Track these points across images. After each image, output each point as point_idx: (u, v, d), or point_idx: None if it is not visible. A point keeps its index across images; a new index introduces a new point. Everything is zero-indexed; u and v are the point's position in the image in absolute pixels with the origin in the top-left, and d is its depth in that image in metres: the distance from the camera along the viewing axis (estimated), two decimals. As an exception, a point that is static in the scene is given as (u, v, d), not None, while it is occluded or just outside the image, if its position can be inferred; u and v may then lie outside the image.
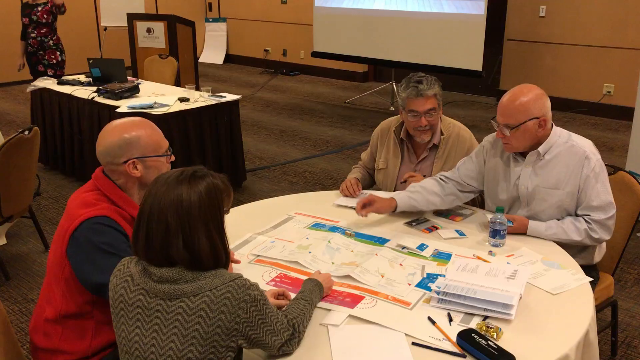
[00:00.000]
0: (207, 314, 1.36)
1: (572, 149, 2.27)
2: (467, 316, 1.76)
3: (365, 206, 2.35)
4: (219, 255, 1.44)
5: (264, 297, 1.45)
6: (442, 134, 2.74)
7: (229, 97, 4.66)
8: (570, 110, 7.27)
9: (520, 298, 1.83)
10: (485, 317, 1.75)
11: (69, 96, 4.78)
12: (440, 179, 2.50)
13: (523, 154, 2.35)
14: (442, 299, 1.81)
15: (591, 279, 2.00)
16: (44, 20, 6.08)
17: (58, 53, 6.28)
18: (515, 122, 2.23)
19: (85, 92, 4.71)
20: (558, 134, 2.31)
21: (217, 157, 4.60)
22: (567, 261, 2.12)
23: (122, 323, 1.44)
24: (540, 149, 2.28)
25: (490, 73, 7.82)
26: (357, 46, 7.62)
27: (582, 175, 2.24)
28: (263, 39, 10.47)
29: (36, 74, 6.26)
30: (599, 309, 2.47)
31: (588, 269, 2.36)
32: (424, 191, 2.44)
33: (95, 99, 4.56)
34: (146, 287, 1.41)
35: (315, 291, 1.76)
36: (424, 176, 2.67)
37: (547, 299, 1.87)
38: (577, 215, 2.29)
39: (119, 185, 1.82)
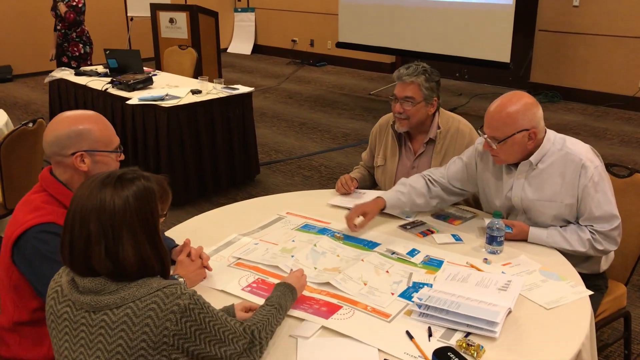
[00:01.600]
0: (130, 328, 1.27)
1: (567, 157, 2.10)
2: (449, 331, 1.64)
3: (355, 221, 2.21)
4: (148, 264, 1.34)
5: (200, 304, 1.34)
6: (439, 128, 2.61)
7: (242, 89, 4.58)
8: (603, 104, 6.97)
9: (510, 312, 1.71)
10: (468, 334, 1.63)
11: (85, 87, 4.79)
12: (429, 179, 2.36)
13: (515, 163, 2.19)
14: (424, 313, 1.70)
15: (591, 292, 1.85)
16: (65, 15, 6.10)
17: (81, 45, 6.27)
18: (502, 135, 2.07)
19: (100, 83, 4.70)
20: (552, 140, 2.14)
21: (228, 150, 4.53)
22: (567, 272, 1.97)
23: (54, 336, 1.37)
24: (533, 158, 2.13)
25: (520, 65, 7.55)
26: (382, 37, 7.46)
27: (579, 186, 2.07)
28: (291, 29, 10.37)
29: (60, 65, 6.30)
30: (609, 320, 2.32)
31: (594, 278, 2.21)
32: (412, 191, 2.31)
33: (108, 90, 4.55)
34: (72, 298, 1.34)
35: (284, 295, 1.66)
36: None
37: (540, 314, 1.73)
38: (579, 224, 2.13)
39: (64, 181, 1.76)
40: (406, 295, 1.81)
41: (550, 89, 7.37)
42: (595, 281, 2.20)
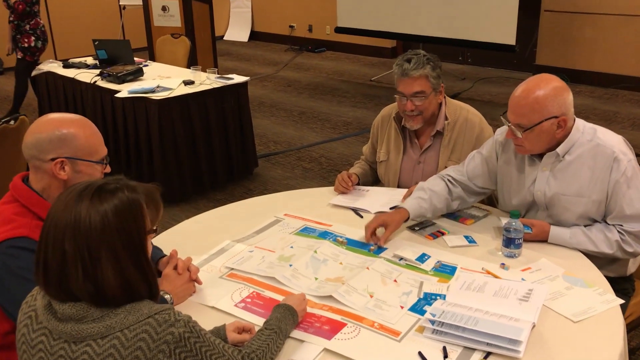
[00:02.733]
0: None
1: (597, 149, 1.90)
2: (467, 351, 1.46)
3: (376, 232, 2.00)
4: (133, 287, 1.17)
5: (197, 332, 1.19)
6: (446, 119, 2.41)
7: (237, 78, 4.38)
8: (612, 86, 6.75)
9: (534, 327, 1.53)
10: (488, 354, 1.45)
11: (73, 80, 4.58)
12: (449, 180, 2.17)
13: (540, 155, 2.00)
14: (437, 330, 1.52)
15: (622, 301, 1.66)
16: (15, 6, 5.76)
17: (33, 38, 5.85)
18: (528, 123, 1.88)
19: (89, 76, 4.50)
20: (581, 130, 1.94)
21: (224, 143, 4.34)
22: (594, 277, 1.79)
23: None
24: (560, 149, 1.93)
25: (526, 47, 7.32)
26: (382, 21, 7.22)
27: (610, 181, 1.88)
28: (288, 14, 10.11)
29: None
30: (637, 324, 2.14)
31: (620, 281, 2.03)
32: (433, 196, 2.10)
33: (97, 82, 4.35)
34: (49, 326, 1.16)
35: (285, 318, 1.49)
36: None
37: (567, 328, 1.55)
38: (607, 223, 1.94)
39: (40, 189, 1.59)
40: (417, 308, 1.63)
41: (557, 72, 7.06)
42: (622, 284, 2.02)
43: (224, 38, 10.81)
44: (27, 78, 5.93)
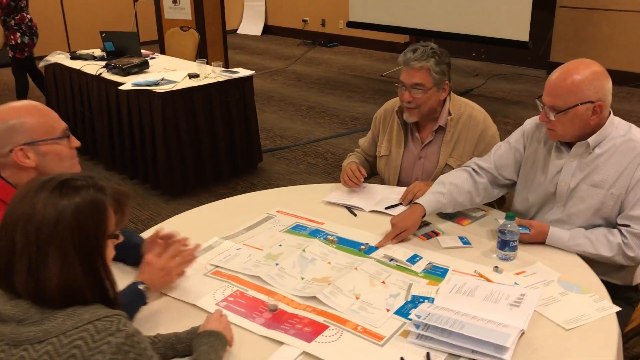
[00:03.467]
0: None
1: (629, 144, 1.84)
2: (451, 358, 1.41)
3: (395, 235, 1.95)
4: (76, 291, 1.09)
5: (139, 348, 1.09)
6: (449, 114, 2.35)
7: (242, 72, 4.33)
8: (628, 84, 6.60)
9: (523, 333, 1.47)
10: (473, 361, 1.39)
11: (79, 71, 4.57)
12: (474, 169, 2.11)
13: (569, 144, 1.93)
14: (422, 334, 1.47)
15: (618, 309, 1.60)
16: (2, 0, 5.55)
17: (19, 34, 5.63)
18: (563, 105, 1.82)
19: (95, 68, 4.48)
20: (615, 124, 1.88)
21: (229, 137, 4.30)
22: (590, 282, 1.72)
23: None
24: (591, 140, 1.86)
25: (540, 43, 7.19)
26: (395, 15, 7.13)
27: (634, 177, 1.82)
28: (302, 8, 10.05)
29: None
30: (636, 332, 2.06)
31: (626, 289, 1.95)
32: (454, 190, 2.04)
33: (102, 74, 4.33)
34: None
35: (213, 348, 1.35)
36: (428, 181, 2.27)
37: (557, 335, 1.49)
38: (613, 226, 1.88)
39: (15, 182, 1.55)
40: (403, 312, 1.58)
41: (572, 69, 6.99)
42: (626, 293, 1.95)
43: (238, 32, 10.78)
44: (24, 75, 5.84)
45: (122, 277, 1.60)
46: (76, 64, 4.67)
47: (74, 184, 1.12)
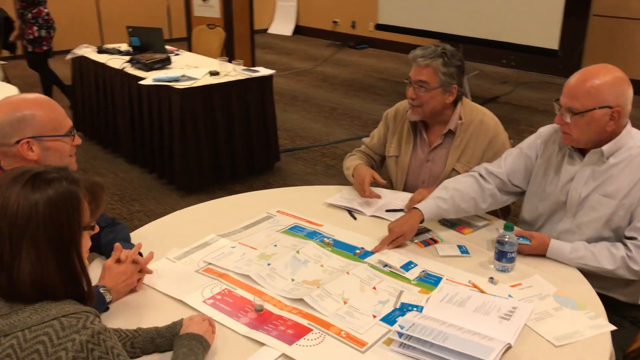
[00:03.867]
0: None
1: None
2: (432, 369, 1.38)
3: (391, 240, 1.93)
4: (48, 285, 1.10)
5: (105, 347, 1.07)
6: (460, 119, 2.31)
7: (263, 71, 4.34)
8: (662, 97, 6.42)
9: (510, 348, 1.43)
10: (454, 373, 1.36)
11: (104, 65, 4.65)
12: (481, 175, 2.07)
13: (582, 152, 1.89)
14: (404, 344, 1.44)
15: (613, 328, 1.54)
16: None
17: (35, 28, 5.63)
18: (580, 107, 1.78)
19: (119, 62, 4.55)
20: (632, 134, 1.83)
21: (246, 135, 4.31)
22: (587, 298, 1.67)
23: None
24: (605, 148, 1.82)
25: (573, 52, 7.04)
26: (424, 19, 7.06)
27: None
28: (332, 9, 10.05)
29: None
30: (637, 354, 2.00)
31: (630, 309, 1.89)
32: (457, 195, 2.00)
33: (125, 69, 4.39)
34: None
35: (193, 353, 1.33)
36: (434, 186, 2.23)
37: (546, 352, 1.45)
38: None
39: None
40: (390, 319, 1.56)
41: (604, 79, 6.82)
42: (631, 312, 1.88)
43: (268, 31, 10.84)
44: (46, 67, 5.85)
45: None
46: (102, 58, 4.74)
47: (46, 176, 1.12)
